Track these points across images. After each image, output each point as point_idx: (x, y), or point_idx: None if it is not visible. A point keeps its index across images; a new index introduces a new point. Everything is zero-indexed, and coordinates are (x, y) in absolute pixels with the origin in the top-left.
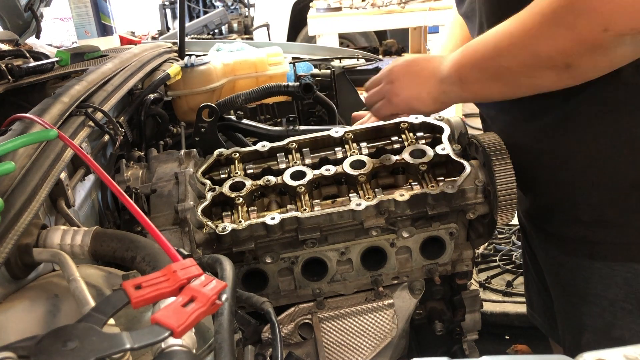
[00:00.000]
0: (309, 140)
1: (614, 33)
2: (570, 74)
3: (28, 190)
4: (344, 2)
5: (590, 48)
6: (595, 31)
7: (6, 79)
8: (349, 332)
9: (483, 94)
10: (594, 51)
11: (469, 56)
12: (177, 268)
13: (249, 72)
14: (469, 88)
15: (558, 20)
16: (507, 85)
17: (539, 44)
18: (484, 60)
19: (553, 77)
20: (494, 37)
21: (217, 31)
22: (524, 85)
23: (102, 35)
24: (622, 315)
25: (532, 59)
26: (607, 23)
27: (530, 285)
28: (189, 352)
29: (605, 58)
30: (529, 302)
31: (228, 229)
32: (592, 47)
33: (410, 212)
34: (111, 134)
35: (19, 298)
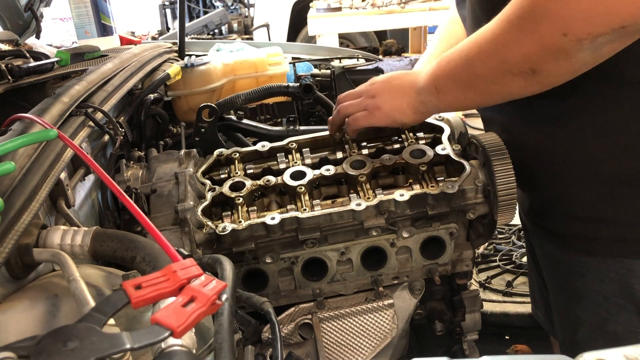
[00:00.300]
0: (309, 140)
1: (573, 37)
2: (536, 79)
3: (28, 190)
4: (344, 2)
5: (553, 53)
6: (555, 36)
7: (6, 79)
8: (349, 332)
9: (457, 103)
10: (556, 56)
11: (443, 67)
12: (177, 268)
13: (249, 72)
14: (444, 98)
15: (522, 26)
16: (479, 94)
17: (506, 50)
18: (457, 70)
19: (521, 83)
20: (466, 47)
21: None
22: (494, 92)
23: (102, 35)
24: (615, 311)
25: (500, 65)
26: (565, 28)
27: (532, 283)
28: (189, 352)
29: (568, 63)
30: (533, 300)
31: (228, 229)
32: (554, 52)
33: (410, 212)
34: (111, 134)
35: (19, 298)
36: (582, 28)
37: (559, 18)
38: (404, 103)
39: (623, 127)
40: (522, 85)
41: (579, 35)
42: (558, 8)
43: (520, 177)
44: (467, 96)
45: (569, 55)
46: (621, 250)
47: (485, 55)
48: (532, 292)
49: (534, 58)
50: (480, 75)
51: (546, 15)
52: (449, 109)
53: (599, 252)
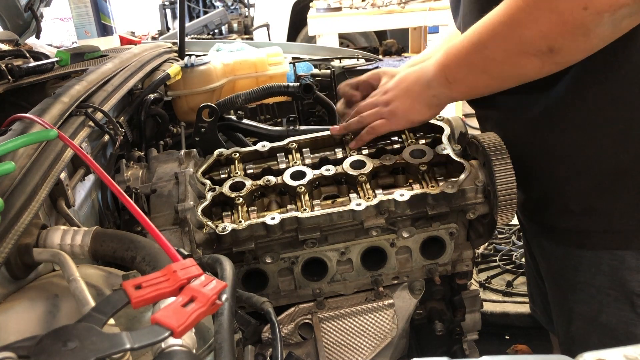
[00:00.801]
0: (309, 140)
1: (593, 10)
2: (553, 58)
3: (28, 190)
4: (344, 2)
5: (572, 29)
6: (576, 10)
7: (6, 79)
8: (349, 332)
9: (470, 90)
10: (576, 32)
11: (453, 55)
12: (177, 268)
13: (249, 72)
14: (456, 87)
15: (539, 4)
16: (493, 78)
17: (522, 30)
18: (469, 55)
19: (537, 64)
20: (477, 31)
21: (217, 31)
22: (509, 75)
23: (102, 35)
24: (608, 302)
25: (516, 46)
26: (586, 1)
27: (530, 280)
28: (189, 352)
29: (586, 39)
30: (530, 297)
31: (228, 229)
32: (574, 28)
33: (410, 212)
34: (111, 134)
35: (19, 298)
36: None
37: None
38: (417, 102)
39: (613, 121)
40: (537, 66)
41: (599, 8)
42: None
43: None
44: (479, 82)
45: (588, 30)
46: (612, 242)
47: (500, 37)
48: (530, 289)
49: (552, 35)
50: (494, 58)
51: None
52: (462, 97)
53: (591, 244)
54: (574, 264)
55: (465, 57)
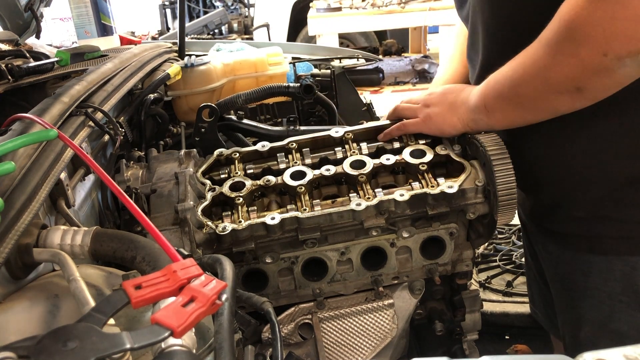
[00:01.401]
0: (309, 140)
1: (613, 56)
2: (582, 96)
3: (28, 190)
4: (344, 2)
5: (595, 72)
6: (596, 57)
7: (6, 79)
8: (349, 332)
9: (508, 121)
10: (599, 74)
11: (491, 87)
12: (177, 268)
13: (249, 72)
14: (495, 117)
15: (562, 50)
16: (528, 111)
17: (549, 72)
18: (504, 90)
19: (567, 100)
20: (511, 69)
21: (217, 31)
22: (543, 109)
23: (102, 35)
24: (619, 309)
25: (545, 86)
26: (605, 48)
27: (531, 282)
28: (189, 352)
29: (611, 79)
30: (531, 299)
31: (228, 229)
32: (597, 71)
33: (410, 212)
34: (111, 134)
35: (19, 298)
36: (622, 47)
37: (597, 40)
38: (455, 118)
39: (628, 130)
40: (568, 102)
41: (619, 54)
42: (596, 31)
43: (525, 179)
44: (516, 114)
45: (611, 72)
46: (626, 248)
47: (529, 77)
48: (531, 291)
49: (578, 78)
50: (526, 95)
51: (585, 38)
52: (500, 127)
53: (603, 250)
54: (584, 270)
55: (501, 91)
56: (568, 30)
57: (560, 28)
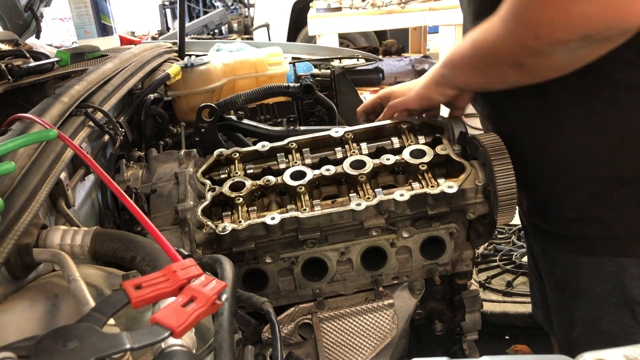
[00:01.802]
0: (309, 140)
1: (544, 41)
2: (525, 72)
3: (28, 190)
4: (344, 2)
5: (531, 53)
6: (529, 38)
7: (6, 79)
8: (349, 332)
9: (467, 81)
10: (535, 56)
11: (460, 46)
12: (177, 268)
13: (249, 72)
14: (457, 74)
15: (507, 26)
16: (483, 76)
17: (497, 44)
18: (467, 51)
19: (513, 74)
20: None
21: (217, 31)
22: (494, 77)
23: (102, 35)
24: (609, 310)
25: (494, 57)
26: (537, 32)
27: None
28: (189, 352)
29: (547, 61)
30: (533, 300)
31: (228, 229)
32: (532, 52)
33: (410, 212)
34: (111, 134)
35: (19, 298)
36: (551, 34)
37: (532, 23)
38: (429, 78)
39: (613, 128)
40: (514, 76)
41: (549, 40)
42: (529, 14)
43: (518, 177)
44: (473, 76)
45: (546, 55)
46: (613, 249)
47: (484, 44)
48: (533, 292)
49: (517, 54)
50: (481, 60)
51: (523, 19)
52: (460, 84)
53: (591, 251)
54: (576, 270)
55: (464, 51)
56: (514, 9)
57: (510, 5)
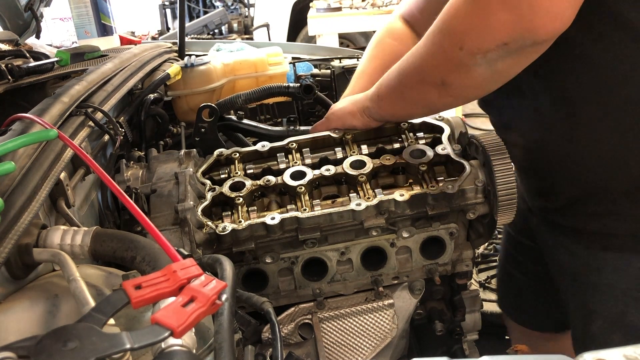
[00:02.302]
0: (309, 141)
1: (467, 51)
2: (447, 91)
3: (28, 190)
4: (344, 2)
5: (455, 66)
6: (454, 49)
7: (6, 79)
8: (349, 332)
9: (391, 110)
10: (458, 70)
11: (386, 76)
12: (177, 268)
13: (249, 72)
14: (382, 105)
15: (434, 40)
16: (407, 103)
17: (422, 62)
18: (393, 79)
19: (436, 94)
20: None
21: (217, 31)
22: (417, 101)
23: (102, 35)
24: (634, 304)
25: (418, 77)
26: (461, 42)
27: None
28: (189, 352)
29: (468, 76)
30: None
31: (228, 229)
32: (456, 65)
33: (410, 212)
34: (111, 134)
35: (19, 298)
36: (473, 43)
37: (455, 33)
38: (355, 108)
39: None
40: (437, 96)
41: (471, 49)
42: (455, 24)
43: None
44: (398, 104)
45: (468, 69)
46: None
47: (409, 66)
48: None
49: (442, 70)
50: (405, 84)
51: (448, 30)
52: (385, 116)
53: (618, 247)
54: (597, 266)
55: (390, 80)
56: (441, 22)
57: (438, 21)
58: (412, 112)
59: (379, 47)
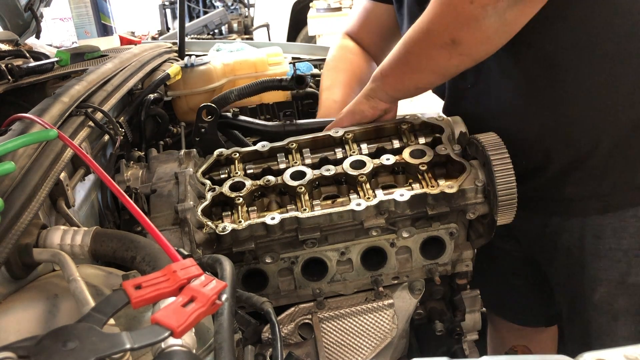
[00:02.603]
0: (309, 140)
1: (478, 4)
2: (457, 50)
3: (28, 190)
4: (344, 2)
5: (465, 21)
6: (464, 4)
7: (6, 79)
8: (349, 332)
9: (399, 84)
10: (469, 23)
11: (389, 56)
12: (177, 268)
13: (249, 72)
14: (388, 81)
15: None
16: (415, 71)
17: (430, 25)
18: (397, 52)
19: (446, 55)
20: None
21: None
22: (426, 67)
23: (102, 35)
24: (636, 263)
25: (426, 39)
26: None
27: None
28: (189, 352)
29: (479, 30)
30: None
31: (228, 229)
32: (466, 20)
33: (410, 212)
34: (111, 134)
35: (19, 298)
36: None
37: None
38: (361, 95)
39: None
40: (447, 58)
41: (482, 1)
42: None
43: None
44: (405, 75)
45: (479, 22)
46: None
47: (416, 32)
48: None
49: (451, 27)
50: (412, 51)
51: None
52: (391, 92)
53: (616, 207)
54: (595, 233)
55: (395, 54)
56: None
57: None
58: (419, 80)
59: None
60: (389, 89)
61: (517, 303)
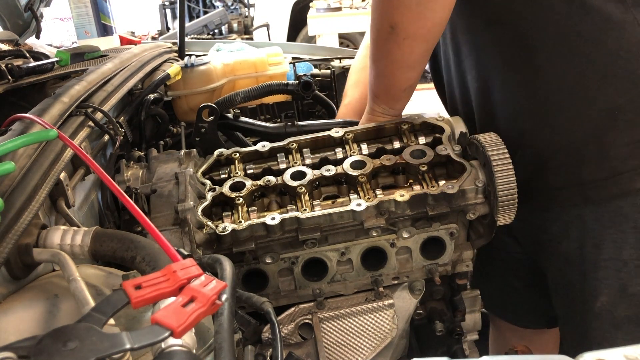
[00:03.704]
0: (309, 141)
1: None
2: (400, 35)
3: (28, 190)
4: (344, 2)
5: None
6: None
7: (6, 79)
8: (349, 332)
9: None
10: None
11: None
12: (177, 268)
13: (249, 72)
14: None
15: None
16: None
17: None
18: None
19: (394, 45)
20: None
21: (217, 31)
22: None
23: (102, 35)
24: (637, 273)
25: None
26: None
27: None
28: (189, 352)
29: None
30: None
31: (228, 229)
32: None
33: (411, 212)
34: (111, 134)
35: (19, 298)
36: None
37: None
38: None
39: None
40: (397, 47)
41: None
42: None
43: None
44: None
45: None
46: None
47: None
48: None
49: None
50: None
51: None
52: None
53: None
54: (594, 242)
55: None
56: None
57: None
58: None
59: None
60: (383, 104)
61: (518, 305)
